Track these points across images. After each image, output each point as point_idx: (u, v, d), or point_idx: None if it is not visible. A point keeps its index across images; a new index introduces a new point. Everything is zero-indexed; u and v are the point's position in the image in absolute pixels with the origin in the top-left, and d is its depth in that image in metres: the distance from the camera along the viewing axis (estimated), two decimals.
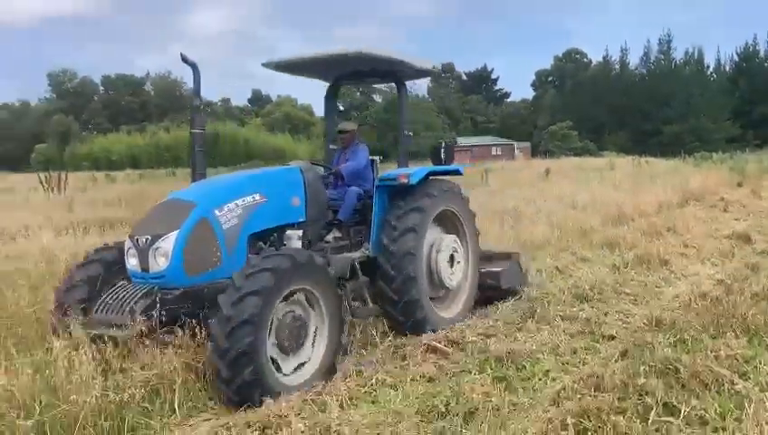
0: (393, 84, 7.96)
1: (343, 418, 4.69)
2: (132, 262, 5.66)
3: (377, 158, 8.13)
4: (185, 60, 6.11)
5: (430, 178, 7.42)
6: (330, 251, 6.82)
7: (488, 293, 8.11)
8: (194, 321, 5.42)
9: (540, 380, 5.48)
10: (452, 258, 7.46)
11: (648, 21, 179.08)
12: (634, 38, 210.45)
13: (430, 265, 7.26)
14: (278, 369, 5.32)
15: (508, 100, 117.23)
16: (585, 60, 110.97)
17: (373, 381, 5.42)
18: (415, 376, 5.55)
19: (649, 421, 4.36)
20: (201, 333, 5.37)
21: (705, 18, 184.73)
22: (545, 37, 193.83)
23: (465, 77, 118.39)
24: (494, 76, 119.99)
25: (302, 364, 5.56)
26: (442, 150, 8.20)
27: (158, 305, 5.33)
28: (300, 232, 6.41)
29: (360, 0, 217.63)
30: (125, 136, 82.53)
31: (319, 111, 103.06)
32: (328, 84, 8.27)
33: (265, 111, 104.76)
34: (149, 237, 5.52)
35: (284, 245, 6.31)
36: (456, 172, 8.02)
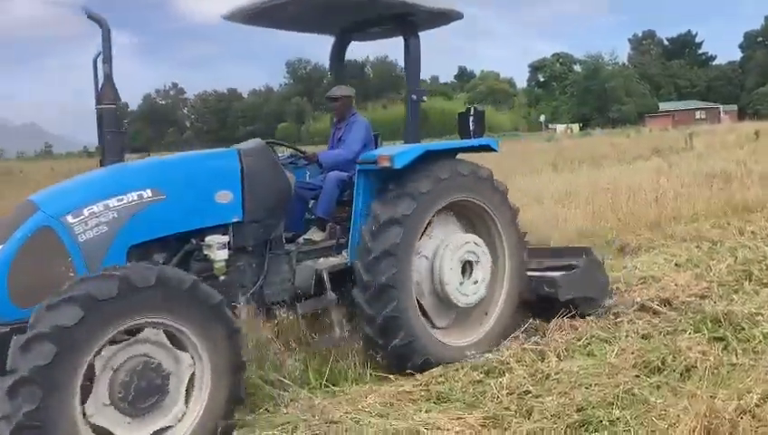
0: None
1: (561, 367, 4.58)
2: None
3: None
4: (89, 15, 4.30)
5: (457, 155, 5.37)
6: (296, 257, 4.95)
7: (545, 304, 5.69)
8: None
9: (760, 342, 4.94)
10: (469, 267, 5.21)
11: None
12: None
13: (433, 276, 5.10)
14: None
15: (713, 63, 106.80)
16: None
17: (588, 335, 5.22)
18: (629, 333, 5.25)
19: None
20: None
21: None
22: None
23: (666, 42, 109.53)
24: (698, 40, 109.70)
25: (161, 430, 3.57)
26: (471, 119, 5.95)
27: None
28: (225, 238, 4.40)
29: None
30: None
31: (521, 83, 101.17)
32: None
33: (470, 84, 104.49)
34: None
35: (205, 255, 4.40)
36: (488, 148, 5.55)
